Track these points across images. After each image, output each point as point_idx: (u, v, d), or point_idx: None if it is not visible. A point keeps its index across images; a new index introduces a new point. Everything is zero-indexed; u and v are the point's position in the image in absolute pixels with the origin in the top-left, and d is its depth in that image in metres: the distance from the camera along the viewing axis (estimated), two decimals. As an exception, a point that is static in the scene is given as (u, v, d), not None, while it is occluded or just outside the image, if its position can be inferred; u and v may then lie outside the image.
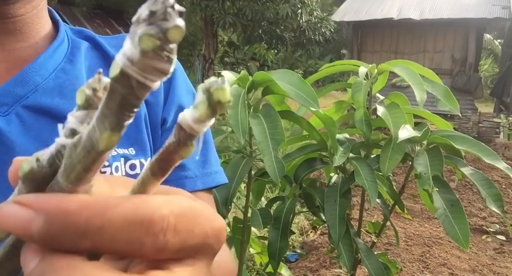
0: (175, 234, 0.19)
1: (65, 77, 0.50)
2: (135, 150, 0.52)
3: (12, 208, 0.18)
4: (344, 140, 1.28)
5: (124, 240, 0.18)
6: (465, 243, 1.03)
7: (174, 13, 0.15)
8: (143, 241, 0.18)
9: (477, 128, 6.74)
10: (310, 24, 11.93)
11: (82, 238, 0.18)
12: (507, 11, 8.39)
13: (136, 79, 0.15)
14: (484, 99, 13.54)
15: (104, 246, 0.18)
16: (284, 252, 1.21)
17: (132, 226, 0.18)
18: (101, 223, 0.18)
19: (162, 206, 0.19)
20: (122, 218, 0.18)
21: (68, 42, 0.54)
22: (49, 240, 0.18)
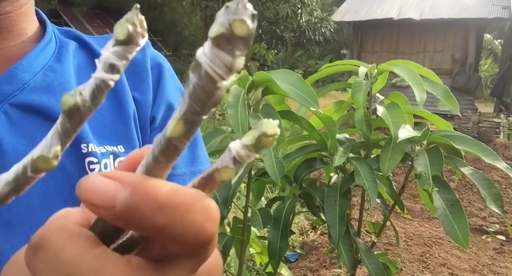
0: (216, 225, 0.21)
1: (53, 76, 0.50)
2: (124, 147, 0.52)
3: (100, 180, 0.19)
4: (344, 140, 1.28)
5: (190, 221, 0.19)
6: (465, 243, 1.03)
7: (244, 10, 0.16)
8: (204, 225, 0.20)
9: (477, 128, 6.74)
10: (310, 24, 11.94)
11: (159, 213, 0.19)
12: (507, 11, 8.38)
13: (205, 69, 0.16)
14: (484, 99, 13.54)
15: (174, 225, 0.19)
16: (284, 252, 1.21)
17: (197, 209, 0.19)
18: (175, 200, 0.19)
19: (210, 199, 0.20)
20: (189, 201, 0.19)
21: (56, 41, 0.54)
22: (131, 212, 0.19)
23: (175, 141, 0.18)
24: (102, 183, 0.19)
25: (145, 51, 0.59)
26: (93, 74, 0.18)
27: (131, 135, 0.53)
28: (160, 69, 0.59)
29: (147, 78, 0.57)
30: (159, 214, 0.19)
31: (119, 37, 0.18)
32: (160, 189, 0.19)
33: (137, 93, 0.56)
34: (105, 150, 0.50)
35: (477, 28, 9.08)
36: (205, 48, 0.17)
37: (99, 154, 0.49)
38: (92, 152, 0.48)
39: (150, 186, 0.19)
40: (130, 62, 0.47)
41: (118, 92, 0.54)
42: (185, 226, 0.19)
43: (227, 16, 0.16)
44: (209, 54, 0.17)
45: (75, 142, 0.47)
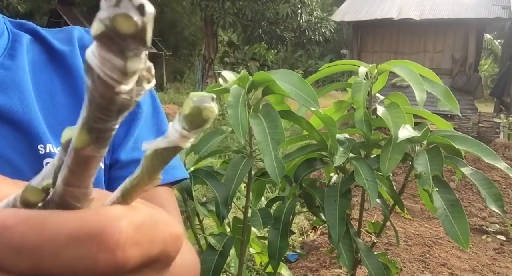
0: (136, 247, 0.17)
1: (4, 73, 0.48)
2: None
3: None
4: (344, 140, 1.28)
5: (71, 258, 0.16)
6: (465, 243, 1.03)
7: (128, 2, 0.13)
8: (96, 257, 0.16)
9: (477, 128, 6.74)
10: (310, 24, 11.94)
11: (19, 256, 0.16)
12: (507, 11, 8.39)
13: (97, 73, 0.14)
14: (484, 99, 13.54)
15: (47, 266, 0.16)
16: (284, 252, 1.21)
17: (79, 242, 0.16)
18: (38, 239, 0.16)
19: (118, 217, 0.17)
20: (66, 233, 0.16)
21: (8, 35, 0.51)
22: None
23: (84, 152, 0.16)
24: None
25: None
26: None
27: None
28: None
29: None
30: (19, 259, 0.16)
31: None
32: (16, 228, 0.16)
33: None
34: None
35: (477, 28, 9.08)
36: (93, 47, 0.14)
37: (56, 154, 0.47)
38: (51, 153, 0.46)
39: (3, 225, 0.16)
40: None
41: (77, 89, 0.51)
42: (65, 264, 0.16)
43: (108, 10, 0.13)
44: (98, 55, 0.14)
45: (31, 144, 0.45)
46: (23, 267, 0.16)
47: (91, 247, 0.16)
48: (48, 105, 0.49)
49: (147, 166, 0.17)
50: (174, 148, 0.17)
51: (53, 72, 0.51)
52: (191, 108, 0.16)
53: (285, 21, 11.57)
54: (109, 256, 0.16)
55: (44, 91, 0.49)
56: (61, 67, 0.52)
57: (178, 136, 0.16)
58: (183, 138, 0.16)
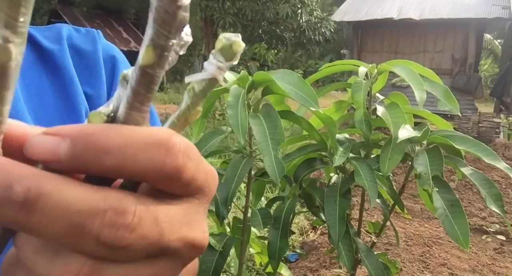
0: (190, 160, 0.20)
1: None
2: None
3: (42, 137, 0.20)
4: (344, 140, 1.28)
5: (146, 159, 0.19)
6: (465, 243, 1.03)
7: None
8: (164, 160, 0.19)
9: (477, 128, 6.74)
10: (310, 24, 11.94)
11: (106, 155, 0.19)
12: (507, 11, 8.39)
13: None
14: (484, 99, 13.54)
15: (127, 164, 0.19)
16: (284, 252, 1.21)
17: (152, 146, 0.19)
18: (122, 141, 0.19)
19: (175, 133, 0.20)
20: (142, 139, 0.19)
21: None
22: (76, 160, 0.19)
23: (149, 69, 0.18)
24: (43, 140, 0.19)
25: (97, 42, 0.55)
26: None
27: None
28: (114, 61, 0.56)
29: (100, 71, 0.53)
30: (106, 158, 0.19)
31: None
32: (101, 134, 0.19)
33: (89, 87, 0.53)
34: None
35: (477, 28, 9.08)
36: None
37: None
38: None
39: (90, 133, 0.19)
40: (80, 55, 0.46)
41: (67, 88, 0.50)
42: (142, 164, 0.19)
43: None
44: None
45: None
46: (107, 166, 0.19)
47: (161, 151, 0.19)
48: (37, 105, 0.48)
49: (191, 99, 0.20)
50: (211, 80, 0.20)
51: (41, 72, 0.50)
52: (223, 43, 0.19)
53: (285, 21, 11.57)
54: (173, 160, 0.19)
55: (33, 91, 0.49)
56: (49, 66, 0.51)
57: (214, 68, 0.19)
58: (218, 70, 0.19)
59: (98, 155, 0.19)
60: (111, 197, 0.19)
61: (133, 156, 0.19)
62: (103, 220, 0.18)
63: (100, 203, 0.18)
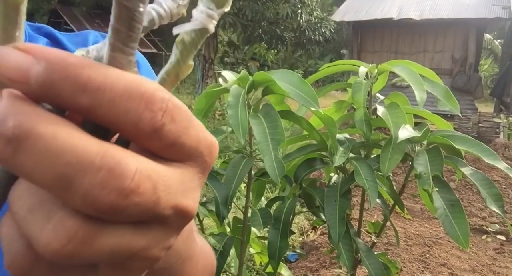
0: (172, 121, 0.19)
1: None
2: None
3: (11, 52, 0.17)
4: (344, 140, 1.28)
5: (122, 108, 0.18)
6: (465, 243, 1.03)
7: None
8: (141, 115, 0.18)
9: (477, 128, 6.74)
10: (310, 24, 11.94)
11: (82, 92, 0.17)
12: (507, 11, 8.39)
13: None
14: (484, 99, 13.54)
15: (102, 108, 0.17)
16: (284, 252, 1.21)
17: (132, 96, 0.18)
18: (103, 82, 0.17)
19: (163, 90, 0.19)
20: (124, 85, 0.18)
21: (25, 39, 0.52)
22: (47, 88, 0.17)
23: (126, 2, 0.17)
24: (12, 54, 0.17)
25: None
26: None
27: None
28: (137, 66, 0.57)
29: None
30: (81, 95, 0.17)
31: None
32: (84, 68, 0.17)
33: None
34: None
35: (477, 28, 9.08)
36: None
37: None
38: None
39: (72, 63, 0.17)
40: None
41: None
42: (116, 111, 0.18)
43: None
44: None
45: None
46: (82, 104, 0.17)
47: (140, 104, 0.18)
48: None
49: (180, 51, 0.19)
50: (202, 30, 0.18)
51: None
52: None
53: (285, 21, 11.57)
54: (151, 116, 0.18)
55: None
56: None
57: (204, 16, 0.18)
58: (209, 18, 0.18)
59: (73, 90, 0.17)
60: (109, 154, 0.17)
61: (110, 101, 0.17)
62: (94, 178, 0.17)
63: (96, 159, 0.17)
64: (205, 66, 11.93)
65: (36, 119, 0.17)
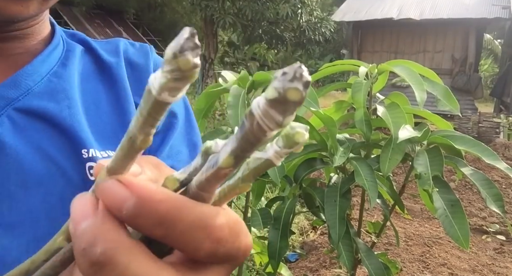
0: (225, 243, 0.22)
1: (57, 81, 0.51)
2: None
3: (115, 184, 0.21)
4: (344, 140, 1.28)
5: (189, 237, 0.21)
6: (465, 243, 1.03)
7: (300, 78, 0.18)
8: (203, 242, 0.21)
9: (477, 128, 6.74)
10: (310, 24, 11.94)
11: (159, 225, 0.21)
12: (507, 11, 8.39)
13: (257, 120, 0.19)
14: (484, 99, 13.54)
15: (172, 238, 0.21)
16: (284, 252, 1.21)
17: (197, 228, 0.21)
18: (175, 217, 0.21)
19: (222, 215, 0.22)
20: (192, 219, 0.21)
21: (63, 45, 0.55)
22: (133, 219, 0.21)
23: (223, 170, 0.21)
24: (115, 188, 0.21)
25: (149, 56, 0.60)
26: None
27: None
28: None
29: None
30: (158, 227, 0.21)
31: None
32: (164, 204, 0.21)
33: (139, 98, 0.56)
34: (106, 154, 0.51)
35: (477, 28, 9.09)
36: (260, 102, 0.19)
37: (101, 158, 0.50)
38: (93, 157, 0.49)
39: (156, 200, 0.21)
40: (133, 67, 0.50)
41: (122, 99, 0.55)
42: (183, 241, 0.21)
43: (283, 83, 0.18)
44: (263, 109, 0.19)
45: (76, 148, 0.49)
46: (156, 233, 0.21)
47: (202, 234, 0.21)
48: (93, 112, 0.53)
49: (243, 172, 0.22)
50: (267, 160, 0.21)
51: (99, 82, 0.56)
52: (287, 131, 0.20)
53: (285, 21, 11.57)
54: (210, 245, 0.22)
55: (90, 99, 0.53)
56: (107, 77, 0.56)
57: (272, 152, 0.21)
58: (276, 154, 0.21)
59: (152, 223, 0.21)
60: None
61: (179, 232, 0.21)
62: None
63: None
64: (205, 66, 11.93)
65: (118, 247, 0.20)
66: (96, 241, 0.20)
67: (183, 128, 0.60)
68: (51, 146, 0.48)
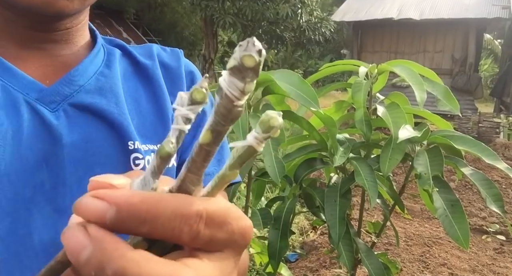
0: (206, 227, 0.24)
1: (104, 80, 0.57)
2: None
3: (92, 200, 0.23)
4: (344, 140, 1.28)
5: (170, 227, 0.23)
6: (465, 243, 1.03)
7: (252, 47, 0.21)
8: (182, 228, 0.23)
9: (477, 128, 6.74)
10: (310, 24, 11.94)
11: (142, 224, 0.23)
12: (507, 11, 8.39)
13: (224, 92, 0.22)
14: (484, 99, 13.54)
15: (156, 232, 0.23)
16: (284, 252, 1.21)
17: (176, 217, 0.23)
18: (155, 213, 0.23)
19: (199, 204, 0.24)
20: (170, 211, 0.23)
21: (104, 49, 0.61)
22: (118, 226, 0.23)
23: (205, 147, 0.23)
24: (92, 203, 0.23)
25: (180, 60, 0.66)
26: (173, 125, 0.24)
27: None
28: (192, 76, 0.66)
29: (182, 85, 0.64)
30: (142, 226, 0.23)
31: (197, 99, 0.24)
32: (143, 205, 0.23)
33: (173, 97, 0.62)
34: (147, 148, 0.56)
35: (477, 28, 9.08)
36: (224, 75, 0.22)
37: (143, 151, 0.55)
38: (138, 149, 0.55)
39: (133, 204, 0.23)
40: (167, 69, 0.60)
41: (159, 97, 0.61)
42: (166, 231, 0.23)
43: (239, 53, 0.21)
44: (227, 80, 0.22)
45: (124, 140, 0.54)
46: (143, 231, 0.23)
47: (181, 222, 0.23)
48: (135, 109, 0.58)
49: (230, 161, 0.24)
50: (249, 147, 0.23)
51: (138, 82, 0.61)
52: (262, 118, 0.23)
53: (285, 21, 11.57)
54: (188, 229, 0.23)
55: (131, 98, 0.59)
56: (144, 77, 0.62)
57: (252, 138, 0.23)
58: (256, 140, 0.23)
59: (136, 224, 0.23)
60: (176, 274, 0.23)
61: (162, 225, 0.23)
62: None
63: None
64: (205, 66, 11.93)
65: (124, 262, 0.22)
66: (103, 265, 0.22)
67: None
68: (101, 137, 0.53)
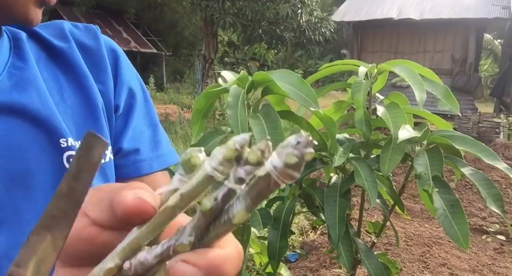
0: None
1: (18, 73, 0.49)
2: None
3: (184, 266, 0.23)
4: (344, 140, 1.28)
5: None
6: (465, 243, 1.03)
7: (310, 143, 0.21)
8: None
9: (477, 128, 6.74)
10: (310, 24, 11.94)
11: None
12: (507, 11, 8.39)
13: (274, 180, 0.22)
14: (484, 99, 13.54)
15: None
16: (284, 252, 1.21)
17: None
18: (235, 272, 0.24)
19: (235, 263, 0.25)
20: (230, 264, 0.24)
21: (8, 36, 0.52)
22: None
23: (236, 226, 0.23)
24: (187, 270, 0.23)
25: (99, 38, 0.57)
26: (227, 182, 0.24)
27: (102, 127, 0.54)
28: (115, 55, 0.58)
29: (106, 67, 0.56)
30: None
31: (252, 160, 0.23)
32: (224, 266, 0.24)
33: (100, 84, 0.55)
34: (76, 144, 0.51)
35: (477, 28, 9.09)
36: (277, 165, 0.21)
37: (73, 146, 0.50)
38: (71, 146, 0.49)
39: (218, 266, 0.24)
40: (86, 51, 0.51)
41: (83, 85, 0.53)
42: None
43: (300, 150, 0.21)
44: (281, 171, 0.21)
45: (54, 138, 0.48)
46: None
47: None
48: (58, 101, 0.51)
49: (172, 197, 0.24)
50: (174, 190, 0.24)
51: (57, 69, 0.53)
52: (182, 158, 0.23)
53: (285, 21, 11.56)
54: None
55: (53, 88, 0.51)
56: (62, 63, 0.53)
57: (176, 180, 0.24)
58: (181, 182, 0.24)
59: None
60: None
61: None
62: None
63: None
64: (205, 66, 11.93)
65: None
66: None
67: (142, 108, 0.60)
68: (25, 138, 0.47)
